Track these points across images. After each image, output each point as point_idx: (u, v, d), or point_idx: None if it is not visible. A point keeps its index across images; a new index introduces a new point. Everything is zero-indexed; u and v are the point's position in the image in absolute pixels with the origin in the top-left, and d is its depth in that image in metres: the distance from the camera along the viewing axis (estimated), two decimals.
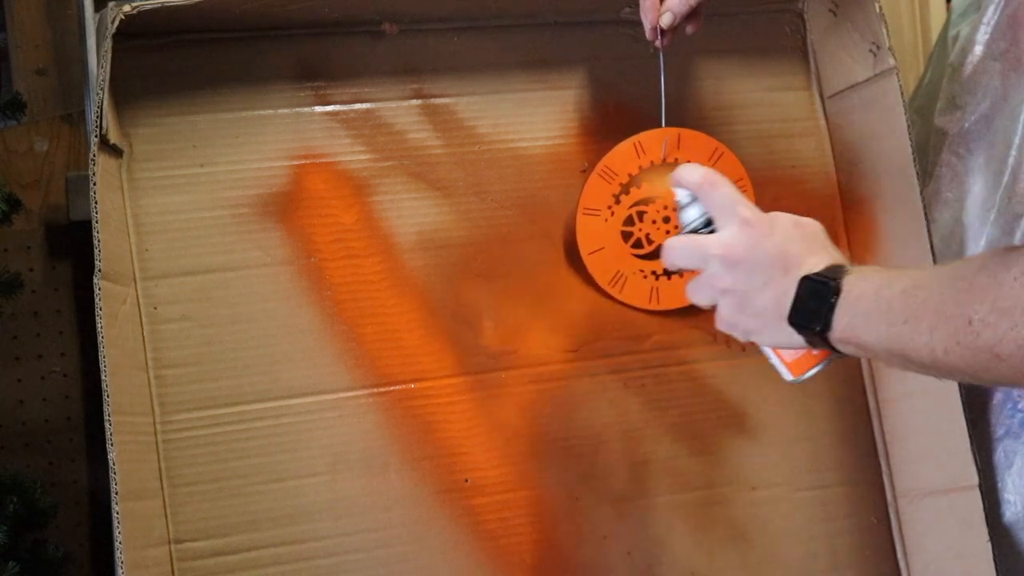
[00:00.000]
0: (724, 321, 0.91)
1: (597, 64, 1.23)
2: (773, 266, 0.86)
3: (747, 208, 0.89)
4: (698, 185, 0.92)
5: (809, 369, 0.91)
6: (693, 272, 0.92)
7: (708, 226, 0.92)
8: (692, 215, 0.93)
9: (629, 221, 1.17)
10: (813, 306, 0.83)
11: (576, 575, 1.16)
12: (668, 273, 1.17)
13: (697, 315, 1.22)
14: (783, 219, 0.89)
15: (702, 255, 0.89)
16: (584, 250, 1.17)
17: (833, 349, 0.84)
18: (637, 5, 1.09)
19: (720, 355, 1.22)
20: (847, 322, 0.81)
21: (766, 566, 1.21)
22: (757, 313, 0.87)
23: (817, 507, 1.23)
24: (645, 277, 1.18)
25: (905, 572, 1.24)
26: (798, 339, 0.86)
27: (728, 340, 1.22)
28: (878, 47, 1.17)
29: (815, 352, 0.90)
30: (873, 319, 0.79)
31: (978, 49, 1.32)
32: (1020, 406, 1.24)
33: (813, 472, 1.23)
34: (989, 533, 1.16)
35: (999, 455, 1.24)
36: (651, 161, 1.16)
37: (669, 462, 1.20)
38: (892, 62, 1.16)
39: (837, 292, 0.82)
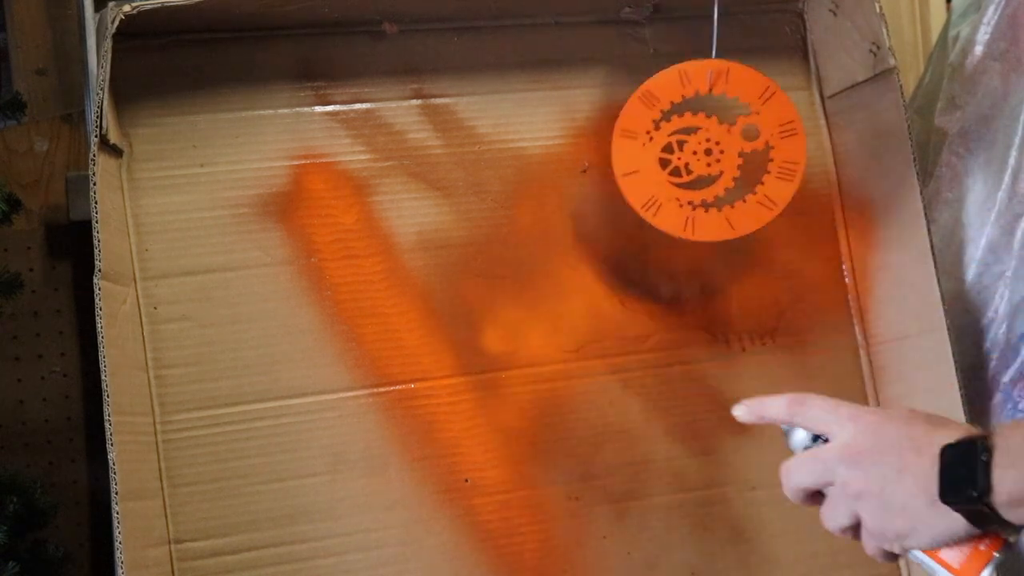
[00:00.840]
0: (871, 535, 0.80)
1: (597, 64, 1.23)
2: (903, 449, 0.77)
3: (850, 407, 0.82)
4: (789, 414, 0.84)
5: (982, 570, 0.77)
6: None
7: (817, 440, 0.84)
8: (800, 437, 0.85)
9: (668, 148, 1.14)
10: (965, 472, 0.73)
11: (576, 575, 1.16)
12: (707, 206, 1.14)
13: (697, 315, 1.22)
14: (895, 407, 0.84)
15: (824, 465, 0.81)
16: (619, 171, 1.13)
17: (1001, 521, 0.73)
18: (637, 5, 1.09)
19: (720, 355, 1.22)
20: (1014, 476, 0.71)
21: (766, 566, 1.21)
22: (903, 507, 0.77)
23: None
24: (681, 206, 1.14)
25: (905, 572, 1.24)
26: (959, 523, 0.75)
27: (728, 340, 1.22)
28: (878, 47, 1.17)
29: (983, 547, 0.77)
30: None
31: (978, 49, 1.32)
32: (1020, 406, 1.24)
33: None
34: None
35: None
36: (696, 91, 1.13)
37: (669, 462, 1.20)
38: (892, 62, 1.16)
39: (988, 449, 0.72)
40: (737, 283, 1.22)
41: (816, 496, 0.83)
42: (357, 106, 1.16)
